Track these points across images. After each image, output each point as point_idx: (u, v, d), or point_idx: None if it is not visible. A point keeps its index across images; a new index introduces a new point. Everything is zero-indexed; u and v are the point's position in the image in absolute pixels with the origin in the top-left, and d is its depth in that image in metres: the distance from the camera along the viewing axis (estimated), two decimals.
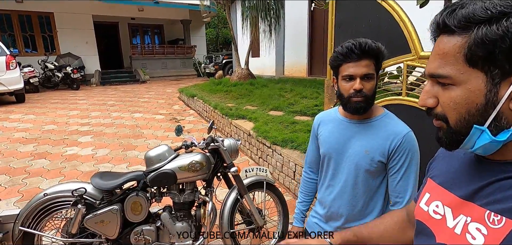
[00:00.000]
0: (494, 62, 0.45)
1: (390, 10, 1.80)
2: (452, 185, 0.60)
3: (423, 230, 0.63)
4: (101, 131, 5.63)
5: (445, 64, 0.50)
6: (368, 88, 1.05)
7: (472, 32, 0.46)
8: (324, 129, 1.24)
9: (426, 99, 0.54)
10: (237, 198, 2.23)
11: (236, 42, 9.35)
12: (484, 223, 0.50)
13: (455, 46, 0.48)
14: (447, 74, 0.49)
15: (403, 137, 1.06)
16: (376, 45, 1.03)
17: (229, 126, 5.09)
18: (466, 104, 0.49)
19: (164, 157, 2.08)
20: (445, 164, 0.65)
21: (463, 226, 0.53)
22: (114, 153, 4.48)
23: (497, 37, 0.44)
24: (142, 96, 9.53)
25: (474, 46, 0.46)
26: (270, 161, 3.79)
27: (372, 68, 1.04)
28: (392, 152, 1.07)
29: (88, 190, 1.98)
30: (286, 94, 6.28)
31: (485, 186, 0.52)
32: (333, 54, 1.09)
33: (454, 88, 0.49)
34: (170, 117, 6.70)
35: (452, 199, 0.58)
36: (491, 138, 0.48)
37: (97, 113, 7.06)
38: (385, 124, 1.10)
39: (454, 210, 0.56)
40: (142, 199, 2.03)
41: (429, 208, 0.63)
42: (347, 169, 1.14)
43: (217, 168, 2.18)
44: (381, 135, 1.09)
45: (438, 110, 0.53)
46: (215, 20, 22.59)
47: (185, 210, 2.14)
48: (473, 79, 0.48)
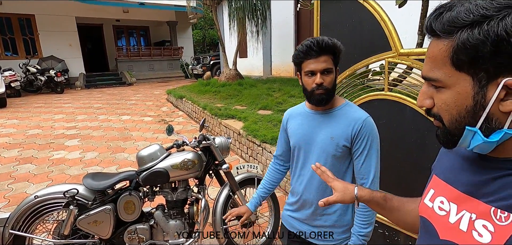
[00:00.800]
0: (479, 65, 0.45)
1: (371, 11, 1.90)
2: (456, 180, 0.60)
3: (426, 227, 0.63)
4: (88, 134, 5.55)
5: (434, 68, 0.51)
6: (328, 82, 1.15)
7: (456, 37, 0.46)
8: (293, 122, 1.32)
9: (423, 100, 0.56)
10: (229, 194, 2.29)
11: (223, 43, 9.38)
12: (490, 220, 0.50)
13: (442, 50, 0.49)
14: (436, 77, 0.51)
15: (363, 122, 1.16)
16: (332, 41, 1.12)
17: (219, 125, 5.13)
18: (455, 106, 0.50)
19: (156, 156, 2.11)
20: (448, 160, 0.65)
21: (469, 223, 0.53)
22: (102, 156, 4.44)
23: (478, 42, 0.44)
24: (130, 98, 9.41)
25: (458, 50, 0.46)
26: (260, 159, 3.85)
27: (330, 63, 1.14)
28: (354, 136, 1.17)
29: (80, 191, 1.99)
30: (274, 94, 6.37)
31: (488, 182, 0.52)
32: (295, 53, 1.19)
33: (445, 91, 0.51)
34: (159, 119, 6.66)
35: (456, 195, 0.58)
36: (483, 139, 0.48)
37: (83, 116, 6.93)
38: (346, 112, 1.21)
39: (459, 206, 0.56)
40: (135, 198, 2.05)
41: (433, 204, 0.62)
42: (316, 157, 1.22)
43: (209, 165, 2.22)
44: (344, 122, 1.19)
45: (434, 111, 0.55)
46: (202, 21, 22.50)
47: (178, 208, 2.18)
48: (461, 82, 0.48)
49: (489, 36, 0.43)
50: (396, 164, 1.94)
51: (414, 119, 1.81)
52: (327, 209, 1.25)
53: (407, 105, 1.84)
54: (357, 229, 1.19)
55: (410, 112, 1.83)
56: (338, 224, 1.27)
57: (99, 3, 12.94)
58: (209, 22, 22.65)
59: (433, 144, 1.77)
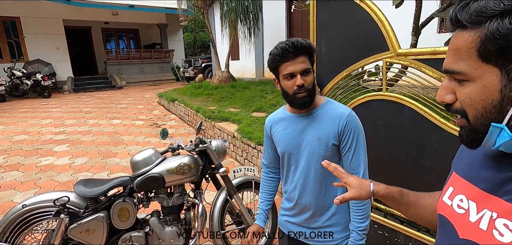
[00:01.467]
0: (508, 57, 0.44)
1: (368, 11, 1.89)
2: (476, 178, 0.57)
3: (445, 225, 0.61)
4: (77, 139, 5.40)
5: (458, 60, 0.49)
6: (309, 82, 1.13)
7: (484, 27, 0.45)
8: (277, 128, 1.28)
9: (444, 95, 0.53)
10: (227, 198, 2.24)
11: (215, 45, 9.31)
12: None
13: (468, 41, 0.47)
14: (460, 70, 0.49)
15: (347, 117, 1.15)
16: (306, 42, 1.11)
17: (213, 128, 5.07)
18: (481, 100, 0.48)
19: (151, 160, 2.05)
20: (469, 157, 0.63)
21: (489, 221, 0.51)
22: (93, 161, 4.32)
23: (509, 32, 0.42)
24: (120, 102, 9.24)
25: (486, 41, 0.45)
26: (255, 161, 3.81)
27: (308, 63, 1.13)
28: (341, 133, 1.16)
29: (71, 199, 1.91)
30: (268, 96, 6.35)
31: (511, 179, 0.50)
32: (270, 57, 1.16)
33: (469, 84, 0.49)
34: (151, 123, 6.55)
35: (477, 193, 0.55)
36: (510, 136, 0.46)
37: (72, 121, 6.76)
38: (328, 110, 1.19)
39: (479, 204, 0.54)
40: (130, 205, 1.98)
41: (452, 202, 0.60)
42: (306, 160, 1.20)
43: (205, 169, 2.17)
44: (328, 121, 1.17)
45: (457, 106, 0.52)
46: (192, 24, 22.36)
47: (174, 214, 2.12)
48: (487, 74, 0.46)
49: None
50: (395, 164, 1.94)
51: (413, 119, 1.81)
52: (326, 210, 1.24)
53: (406, 105, 1.84)
54: (355, 225, 1.18)
55: (409, 113, 1.83)
56: (338, 223, 1.25)
57: (87, 5, 12.67)
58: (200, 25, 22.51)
59: (432, 144, 1.77)
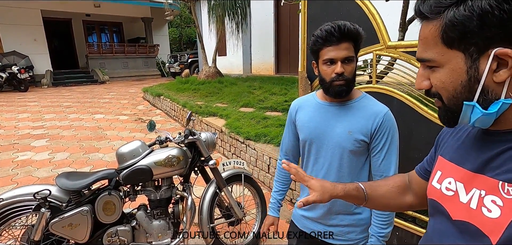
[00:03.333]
0: (468, 40, 0.47)
1: (359, 4, 1.91)
2: (462, 159, 0.60)
3: (437, 209, 0.62)
4: (57, 133, 5.18)
5: (427, 49, 0.53)
6: (349, 71, 1.05)
7: (443, 16, 0.49)
8: (303, 114, 1.21)
9: (420, 82, 0.57)
10: (216, 191, 2.20)
11: (202, 41, 9.19)
12: (499, 194, 0.49)
13: (432, 31, 0.51)
14: (429, 57, 0.53)
15: (384, 116, 1.08)
16: (354, 27, 1.03)
17: (200, 123, 5.00)
18: (451, 82, 0.52)
19: (138, 152, 1.99)
20: (453, 140, 0.66)
21: (478, 199, 0.53)
22: (74, 156, 4.15)
23: (465, 18, 0.46)
24: (103, 97, 8.95)
25: (447, 28, 0.49)
26: (243, 156, 3.79)
27: (352, 51, 1.05)
28: (374, 131, 1.08)
29: (53, 192, 1.82)
30: (255, 92, 6.33)
31: (494, 156, 0.52)
32: (313, 39, 1.08)
33: (439, 70, 0.53)
34: (136, 118, 6.38)
35: (464, 174, 0.58)
36: (482, 112, 0.50)
37: (51, 115, 6.48)
38: (364, 104, 1.11)
39: (466, 185, 0.56)
40: (115, 198, 1.91)
41: (441, 186, 0.62)
42: (330, 152, 1.13)
43: (195, 162, 2.13)
44: (363, 115, 1.09)
45: (433, 91, 0.56)
46: (178, 19, 21.94)
47: (162, 208, 2.06)
48: (453, 59, 0.50)
49: (474, 11, 0.45)
50: None
51: (401, 110, 1.84)
52: (346, 208, 1.16)
53: (395, 97, 1.87)
54: (376, 230, 1.11)
55: (398, 104, 1.86)
56: (356, 224, 1.18)
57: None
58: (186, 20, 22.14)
59: (420, 135, 1.81)
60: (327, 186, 0.81)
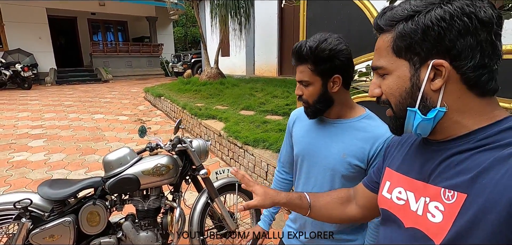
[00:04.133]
0: (413, 51, 0.54)
1: (361, 7, 1.79)
2: (409, 170, 0.64)
3: (390, 218, 0.66)
4: (55, 133, 5.13)
5: (379, 57, 0.59)
6: (307, 94, 0.98)
7: (395, 28, 0.56)
8: (300, 126, 1.14)
9: (373, 89, 0.62)
10: (208, 202, 2.10)
11: (205, 41, 9.11)
12: (440, 200, 0.54)
13: (385, 41, 0.58)
14: (380, 65, 0.59)
15: (385, 142, 0.94)
16: (313, 47, 0.92)
17: (199, 126, 4.91)
18: (397, 89, 0.57)
19: (125, 160, 1.89)
20: (399, 151, 0.71)
21: (424, 206, 0.57)
22: (70, 158, 4.09)
23: (411, 31, 0.53)
24: (104, 96, 8.92)
25: (397, 39, 0.56)
26: (241, 161, 3.69)
27: (307, 74, 0.96)
28: (372, 158, 0.96)
29: (34, 201, 1.73)
30: (257, 94, 6.22)
31: (437, 165, 0.57)
32: None
33: (388, 77, 0.59)
34: (135, 119, 6.32)
35: (412, 183, 0.62)
36: (422, 117, 0.55)
37: (51, 115, 6.45)
38: (365, 125, 1.00)
39: (416, 193, 0.60)
40: (100, 208, 1.82)
41: (392, 195, 0.66)
42: (322, 173, 1.04)
43: (185, 170, 2.03)
44: (361, 137, 0.98)
45: (383, 98, 0.61)
46: (183, 19, 21.97)
47: (150, 218, 1.97)
48: (400, 67, 0.57)
49: (419, 25, 0.52)
50: None
51: None
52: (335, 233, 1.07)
53: None
54: None
55: None
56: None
57: None
58: (191, 20, 22.14)
59: None
60: (270, 192, 0.86)
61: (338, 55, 0.93)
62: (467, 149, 0.53)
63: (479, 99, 0.53)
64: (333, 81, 0.96)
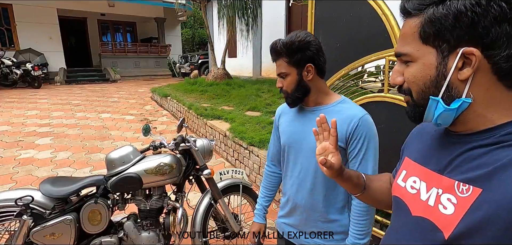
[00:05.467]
0: (441, 37, 0.51)
1: (372, 4, 1.72)
2: (426, 160, 0.63)
3: (399, 205, 0.66)
4: (62, 132, 5.17)
5: (405, 43, 0.56)
6: (286, 85, 1.12)
7: (424, 13, 0.52)
8: (284, 119, 1.25)
9: (395, 77, 0.60)
10: (211, 203, 2.06)
11: (212, 42, 9.11)
12: (454, 193, 0.53)
13: (412, 27, 0.55)
14: (406, 51, 0.56)
15: (359, 120, 1.05)
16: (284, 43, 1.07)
17: (204, 126, 4.88)
18: (422, 77, 0.55)
19: (128, 159, 1.86)
20: (419, 142, 0.70)
21: (436, 197, 0.56)
22: (76, 156, 4.10)
23: (442, 16, 0.50)
24: (112, 96, 8.99)
25: (425, 24, 0.52)
26: (246, 162, 3.64)
27: (284, 67, 1.10)
28: (349, 136, 1.06)
29: (36, 198, 1.71)
30: (263, 95, 6.17)
31: (454, 158, 0.56)
32: None
33: (413, 64, 0.56)
34: (141, 118, 6.34)
35: (427, 173, 0.61)
36: (445, 107, 0.53)
37: (59, 113, 6.51)
38: (340, 108, 1.11)
39: (428, 183, 0.60)
40: (102, 207, 1.79)
41: (406, 184, 0.66)
42: (307, 158, 1.13)
43: (189, 170, 1.99)
44: (338, 120, 1.04)
45: (404, 87, 0.59)
46: (191, 20, 22.07)
47: (152, 218, 1.93)
48: (427, 54, 0.54)
49: (451, 10, 0.49)
50: None
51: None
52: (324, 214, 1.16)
53: None
54: (352, 240, 1.09)
55: None
56: (334, 231, 1.17)
57: None
58: (199, 21, 22.22)
59: None
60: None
61: (307, 46, 1.06)
62: (488, 144, 0.52)
63: (508, 93, 0.51)
64: (307, 70, 1.09)
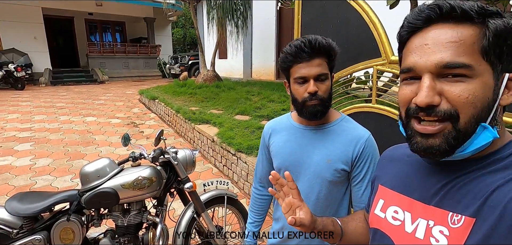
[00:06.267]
0: (501, 55, 0.45)
1: (359, 11, 1.66)
2: (408, 189, 0.59)
3: (381, 238, 0.62)
4: (44, 137, 4.97)
5: (462, 53, 0.45)
6: (323, 90, 0.95)
7: (488, 23, 0.44)
8: (277, 138, 1.10)
9: (433, 96, 0.47)
10: (194, 217, 1.96)
11: (202, 43, 8.97)
12: (446, 224, 0.50)
13: (473, 36, 0.45)
14: (467, 62, 0.45)
15: (366, 141, 0.98)
16: (327, 41, 0.94)
17: (192, 131, 4.76)
18: (482, 98, 0.46)
19: (104, 172, 1.76)
20: (393, 169, 0.66)
21: (426, 229, 0.52)
22: (57, 163, 3.93)
23: (505, 31, 0.44)
24: (98, 98, 8.75)
25: (489, 36, 0.44)
26: (234, 169, 3.55)
27: (325, 67, 0.94)
28: (355, 159, 0.98)
29: (1, 217, 1.59)
30: (253, 98, 6.09)
31: (441, 187, 0.52)
32: (282, 56, 0.98)
33: (470, 81, 0.45)
34: (128, 122, 6.16)
35: (411, 203, 0.57)
36: (493, 134, 0.46)
37: (42, 117, 6.28)
38: (344, 128, 1.01)
39: (413, 214, 0.56)
40: (75, 224, 1.68)
41: (386, 214, 0.62)
42: (308, 182, 1.01)
43: (170, 183, 1.89)
44: (343, 141, 0.99)
45: (444, 107, 0.47)
46: (183, 20, 21.83)
47: (130, 234, 1.83)
48: (486, 72, 0.46)
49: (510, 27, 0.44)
50: None
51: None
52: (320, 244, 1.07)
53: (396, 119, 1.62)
54: None
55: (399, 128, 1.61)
56: None
57: None
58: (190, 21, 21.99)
59: None
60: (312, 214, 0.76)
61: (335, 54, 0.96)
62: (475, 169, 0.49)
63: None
64: (332, 78, 0.98)
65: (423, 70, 0.48)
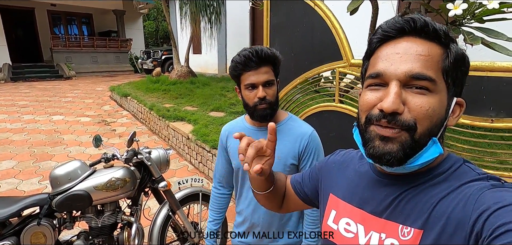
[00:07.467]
0: (454, 79, 0.51)
1: (322, 16, 1.78)
2: (360, 201, 0.60)
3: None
4: (6, 138, 4.70)
5: (429, 67, 0.49)
6: (271, 95, 1.07)
7: (451, 47, 0.50)
8: (233, 140, 1.19)
9: (399, 103, 0.48)
10: (169, 214, 2.01)
11: (175, 38, 8.81)
12: (397, 237, 0.52)
13: (438, 54, 0.50)
14: (433, 77, 0.48)
15: (309, 136, 1.10)
16: (271, 51, 1.05)
17: (167, 128, 4.73)
18: (439, 113, 0.49)
19: (76, 175, 1.75)
20: (343, 178, 0.67)
21: (378, 242, 0.54)
22: (22, 165, 3.76)
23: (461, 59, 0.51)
24: (65, 95, 8.33)
25: (452, 60, 0.49)
26: (210, 166, 3.60)
27: (271, 74, 1.07)
28: (301, 153, 1.10)
29: None
30: (228, 94, 6.14)
31: (392, 200, 0.54)
32: (232, 64, 1.08)
33: (431, 95, 0.49)
34: (99, 120, 5.97)
35: (364, 216, 0.58)
36: (440, 150, 0.50)
37: (2, 116, 5.89)
38: (291, 127, 1.13)
39: (366, 227, 0.57)
40: (46, 228, 1.67)
41: (338, 226, 0.63)
42: None
43: (144, 182, 1.92)
44: (290, 138, 1.11)
45: (406, 117, 0.48)
46: (155, 12, 21.14)
47: (104, 235, 1.85)
48: (443, 90, 0.50)
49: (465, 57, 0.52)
50: None
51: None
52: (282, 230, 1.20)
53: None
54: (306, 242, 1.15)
55: None
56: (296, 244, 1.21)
57: None
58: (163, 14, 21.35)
59: None
60: None
61: (279, 61, 1.09)
62: (422, 183, 0.53)
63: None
64: (278, 83, 1.11)
65: (392, 78, 0.50)
